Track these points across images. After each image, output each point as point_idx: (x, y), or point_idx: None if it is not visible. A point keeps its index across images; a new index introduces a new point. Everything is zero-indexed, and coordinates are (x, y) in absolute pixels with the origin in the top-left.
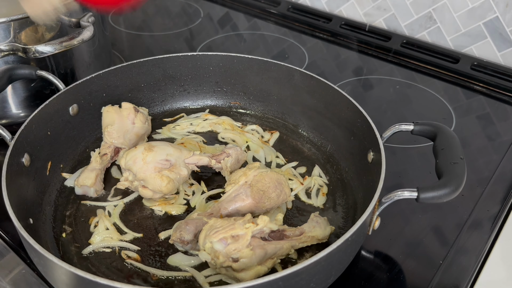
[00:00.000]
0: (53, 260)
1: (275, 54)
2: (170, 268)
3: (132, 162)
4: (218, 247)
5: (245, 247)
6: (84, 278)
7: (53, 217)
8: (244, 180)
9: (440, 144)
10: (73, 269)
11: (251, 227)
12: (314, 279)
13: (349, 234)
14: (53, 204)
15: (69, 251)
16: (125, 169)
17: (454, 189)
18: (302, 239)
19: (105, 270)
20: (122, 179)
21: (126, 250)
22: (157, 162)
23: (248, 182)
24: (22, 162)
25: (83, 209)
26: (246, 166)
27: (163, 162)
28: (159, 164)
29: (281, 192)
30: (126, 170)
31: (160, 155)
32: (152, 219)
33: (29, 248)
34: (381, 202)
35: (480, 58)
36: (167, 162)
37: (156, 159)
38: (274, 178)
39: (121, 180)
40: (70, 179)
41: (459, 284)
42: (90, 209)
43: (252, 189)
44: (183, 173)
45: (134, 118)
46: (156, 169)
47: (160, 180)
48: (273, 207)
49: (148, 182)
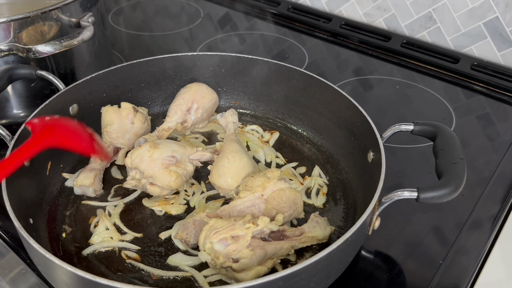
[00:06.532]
0: (53, 260)
1: (275, 54)
2: (170, 268)
3: (139, 160)
4: (218, 247)
5: (245, 247)
6: (84, 278)
7: (53, 217)
8: (260, 193)
9: (440, 144)
10: (73, 269)
11: (251, 227)
12: (314, 279)
13: (349, 234)
14: (53, 204)
15: (69, 251)
16: (132, 168)
17: (454, 189)
18: (302, 239)
19: (105, 270)
20: (129, 178)
21: (126, 250)
22: (163, 158)
23: (264, 196)
24: None
25: (83, 209)
26: (266, 172)
27: (169, 158)
28: (165, 160)
29: (294, 211)
30: (133, 169)
31: (166, 152)
32: (152, 219)
33: (29, 248)
34: (381, 202)
35: (480, 58)
36: (173, 158)
37: (163, 155)
38: (291, 198)
39: (127, 180)
40: (70, 179)
41: (459, 284)
42: (90, 209)
43: (266, 206)
44: (189, 169)
45: (133, 118)
46: (164, 165)
47: (169, 176)
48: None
49: (157, 179)
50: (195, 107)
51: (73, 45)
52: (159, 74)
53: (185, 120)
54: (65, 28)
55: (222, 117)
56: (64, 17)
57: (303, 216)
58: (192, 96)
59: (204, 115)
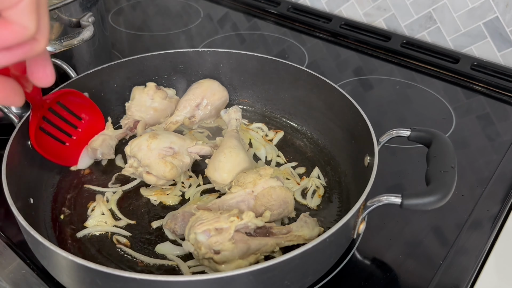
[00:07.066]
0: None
1: (275, 54)
2: (157, 256)
3: (137, 149)
4: (201, 238)
5: (227, 240)
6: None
7: (54, 198)
8: (251, 189)
9: (433, 152)
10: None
11: (235, 221)
12: (288, 276)
13: (327, 234)
14: (55, 186)
15: (65, 232)
16: (130, 156)
17: (440, 198)
18: (288, 238)
19: (96, 253)
20: (127, 166)
21: (118, 235)
22: (161, 149)
23: (254, 193)
24: (28, 144)
25: (84, 194)
26: (259, 169)
27: (166, 149)
28: (163, 151)
29: (284, 209)
30: (131, 157)
31: (164, 143)
32: (146, 207)
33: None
34: (366, 206)
35: (480, 58)
36: (170, 149)
37: (160, 146)
38: (282, 196)
39: (126, 167)
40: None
41: (459, 284)
42: (90, 194)
43: (255, 203)
44: (186, 161)
45: (153, 94)
46: (160, 155)
47: (164, 166)
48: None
49: (152, 168)
50: (204, 103)
51: (73, 44)
52: (170, 68)
53: (193, 115)
54: (65, 28)
55: (225, 113)
56: (64, 17)
57: (294, 216)
58: (202, 92)
59: (212, 112)
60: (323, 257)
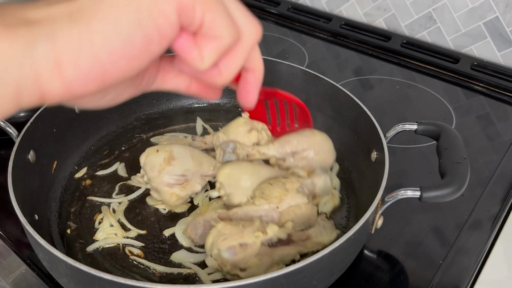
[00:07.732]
0: (58, 256)
1: (275, 54)
2: (173, 265)
3: (149, 168)
4: (226, 255)
5: (253, 256)
6: (89, 273)
7: (58, 213)
8: (276, 205)
9: (443, 144)
10: (78, 265)
11: (261, 236)
12: (316, 276)
13: (352, 232)
14: (58, 200)
15: (74, 247)
16: (142, 169)
17: (457, 188)
18: (308, 245)
19: (109, 266)
20: (139, 175)
21: (130, 246)
22: (171, 177)
23: (279, 209)
24: (28, 158)
25: (88, 206)
26: (286, 182)
27: (178, 177)
28: (172, 179)
29: (307, 225)
30: (143, 170)
31: (177, 170)
32: (155, 216)
33: (35, 244)
34: (384, 201)
35: (480, 58)
36: (182, 177)
37: (173, 173)
38: (306, 215)
39: (137, 176)
40: None
41: (459, 284)
42: (94, 206)
43: (280, 219)
44: (195, 189)
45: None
46: (169, 185)
47: (169, 197)
48: None
49: (158, 192)
50: (301, 156)
51: None
52: None
53: (284, 159)
54: None
55: None
56: None
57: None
58: (309, 146)
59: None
60: (346, 254)
